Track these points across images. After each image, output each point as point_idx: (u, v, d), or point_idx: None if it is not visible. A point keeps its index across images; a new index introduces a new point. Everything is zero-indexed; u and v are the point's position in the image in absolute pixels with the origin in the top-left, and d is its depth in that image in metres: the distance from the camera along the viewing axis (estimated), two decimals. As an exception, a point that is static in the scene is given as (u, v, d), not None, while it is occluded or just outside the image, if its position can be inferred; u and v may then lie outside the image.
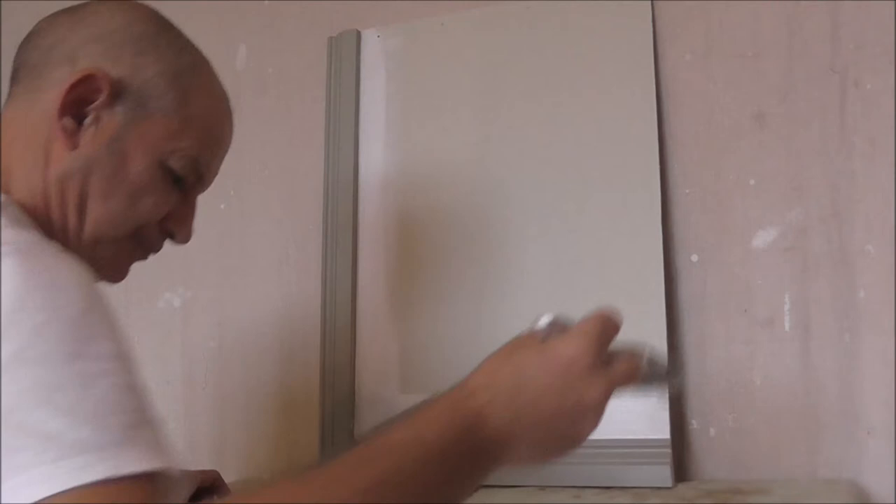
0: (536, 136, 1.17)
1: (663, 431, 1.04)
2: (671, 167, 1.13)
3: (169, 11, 0.84)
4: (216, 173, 0.84)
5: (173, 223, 0.80)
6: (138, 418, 0.55)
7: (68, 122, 0.72)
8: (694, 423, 1.10)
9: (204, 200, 0.83)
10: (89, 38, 0.74)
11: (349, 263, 1.23)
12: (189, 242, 0.82)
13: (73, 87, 0.72)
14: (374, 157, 1.26)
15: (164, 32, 0.79)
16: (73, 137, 0.73)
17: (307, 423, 1.26)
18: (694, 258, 1.12)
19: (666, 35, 1.15)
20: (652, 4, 1.15)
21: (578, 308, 1.11)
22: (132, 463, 0.52)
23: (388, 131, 1.26)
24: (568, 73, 1.17)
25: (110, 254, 0.76)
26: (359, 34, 1.30)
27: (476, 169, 1.20)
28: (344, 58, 1.30)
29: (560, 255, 1.13)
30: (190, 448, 1.38)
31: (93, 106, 0.73)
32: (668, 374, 0.78)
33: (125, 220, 0.75)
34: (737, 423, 1.08)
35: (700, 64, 1.14)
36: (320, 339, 1.23)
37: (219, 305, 1.39)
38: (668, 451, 1.03)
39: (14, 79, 0.77)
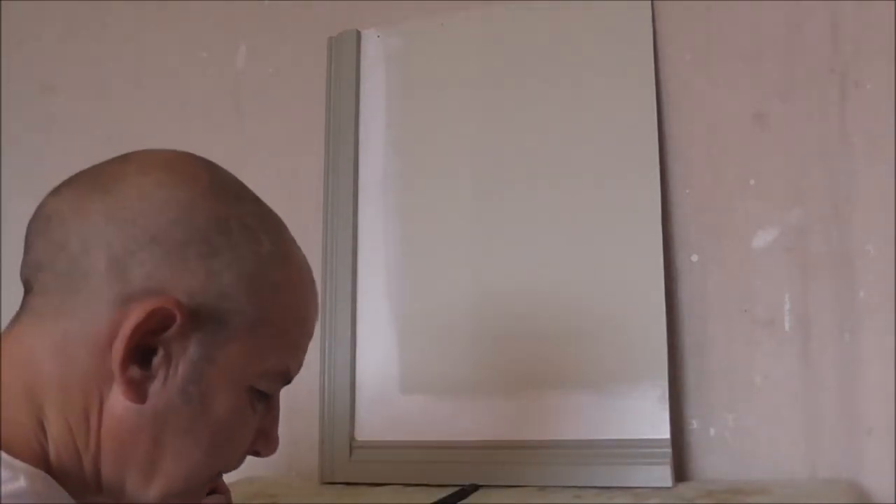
0: (536, 136, 1.17)
1: (663, 431, 1.04)
2: (671, 167, 1.13)
3: (169, 11, 0.84)
4: (302, 364, 0.66)
5: (260, 443, 0.64)
6: None
7: (135, 371, 0.55)
8: (694, 423, 1.10)
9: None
10: (139, 238, 0.55)
11: (349, 263, 1.23)
12: None
13: (139, 326, 0.54)
14: (374, 157, 1.26)
15: (235, 209, 0.59)
16: (140, 388, 0.55)
17: (307, 424, 1.26)
18: (694, 258, 1.12)
19: (666, 35, 1.15)
20: (652, 4, 1.15)
21: (578, 308, 1.11)
22: None
23: (388, 131, 1.26)
24: (568, 73, 1.17)
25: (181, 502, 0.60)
26: (359, 34, 1.30)
27: (476, 168, 1.20)
28: (344, 58, 1.30)
29: (560, 255, 1.13)
30: (190, 448, 1.38)
31: (161, 339, 0.55)
32: None
33: (206, 472, 0.60)
34: (737, 423, 1.08)
35: (700, 64, 1.14)
36: (320, 340, 1.23)
37: (219, 305, 1.38)
38: (668, 451, 1.03)
39: (32, 284, 0.58)
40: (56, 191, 0.60)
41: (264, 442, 0.65)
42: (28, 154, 1.53)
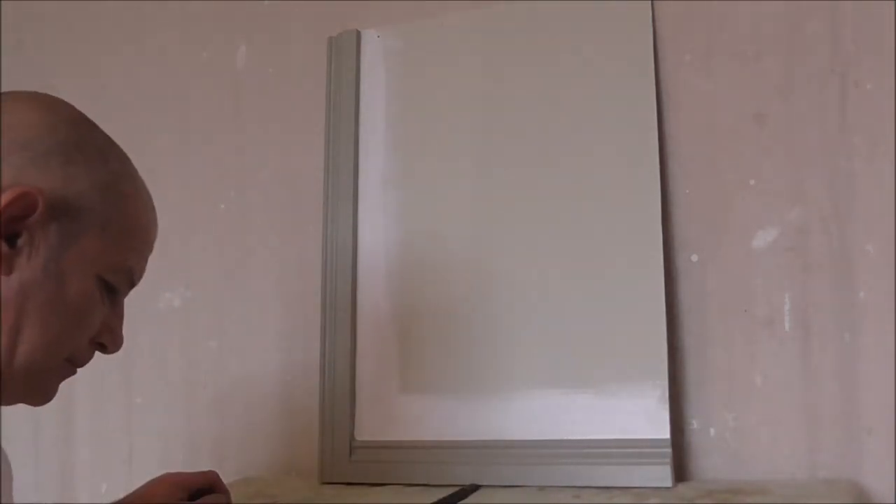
0: (536, 136, 1.17)
1: (663, 431, 1.04)
2: (671, 167, 1.13)
3: (169, 11, 0.84)
4: (144, 273, 0.79)
5: (105, 335, 0.76)
6: None
7: (3, 247, 0.67)
8: (694, 423, 1.10)
9: (204, 200, 0.84)
10: (11, 146, 0.68)
11: (349, 263, 1.23)
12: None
13: (6, 206, 0.66)
14: (374, 157, 1.26)
15: (90, 135, 0.74)
16: (6, 261, 0.67)
17: (307, 424, 1.26)
18: (694, 258, 1.12)
19: (666, 35, 1.15)
20: (652, 4, 1.15)
21: (578, 308, 1.11)
22: None
23: (388, 131, 1.26)
24: (568, 73, 1.17)
25: (41, 382, 0.72)
26: (359, 34, 1.30)
27: (475, 168, 1.20)
28: (344, 58, 1.30)
29: (560, 256, 1.13)
30: (190, 448, 1.38)
31: (26, 224, 0.67)
32: None
33: (62, 346, 0.72)
34: (737, 423, 1.08)
35: (700, 64, 1.14)
36: (320, 339, 1.23)
37: (219, 305, 1.39)
38: (668, 451, 1.03)
39: None
40: None
41: (109, 336, 0.76)
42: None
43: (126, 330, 0.77)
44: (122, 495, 0.91)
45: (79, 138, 0.72)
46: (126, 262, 0.74)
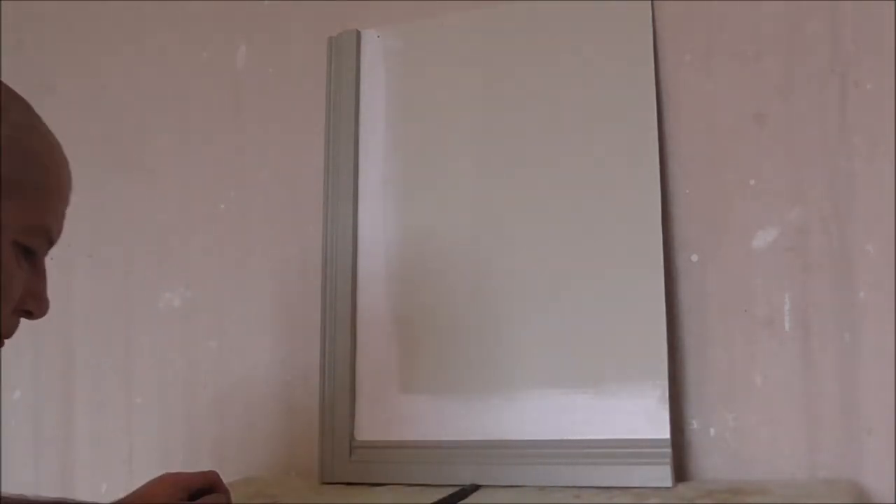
0: (536, 136, 1.17)
1: (663, 431, 1.04)
2: (671, 167, 1.13)
3: (169, 11, 0.84)
4: (62, 229, 0.75)
5: (29, 302, 0.71)
6: None
7: None
8: (694, 423, 1.10)
9: (204, 200, 0.83)
10: None
11: (349, 263, 1.23)
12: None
13: None
14: (374, 157, 1.26)
15: None
16: None
17: (307, 423, 1.26)
18: (694, 258, 1.12)
19: (666, 35, 1.15)
20: (652, 4, 1.15)
21: (578, 308, 1.11)
22: None
23: (388, 131, 1.26)
24: (568, 73, 1.17)
25: None
26: (359, 34, 1.30)
27: (475, 168, 1.20)
28: (344, 58, 1.30)
29: (560, 255, 1.13)
30: (190, 448, 1.38)
31: None
32: None
33: None
34: (737, 423, 1.08)
35: (700, 64, 1.14)
36: (320, 339, 1.23)
37: (219, 305, 1.39)
38: (668, 451, 1.03)
39: None
40: None
41: (34, 302, 0.72)
42: (28, 154, 1.53)
43: (126, 330, 0.77)
44: (122, 495, 0.91)
45: None
46: (41, 221, 0.70)
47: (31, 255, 0.70)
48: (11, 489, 0.87)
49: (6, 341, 0.72)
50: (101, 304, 1.44)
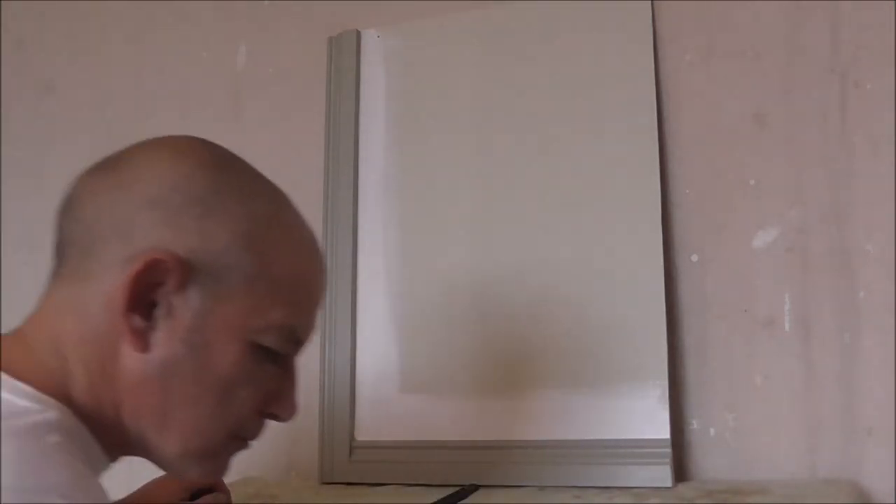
0: (536, 136, 1.17)
1: (663, 431, 1.04)
2: (671, 167, 1.13)
3: (169, 11, 0.83)
4: (314, 327, 0.69)
5: (274, 404, 0.66)
6: None
7: (137, 320, 0.60)
8: (694, 423, 1.10)
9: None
10: (140, 204, 0.61)
11: (349, 263, 1.23)
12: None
13: (138, 277, 0.59)
14: (374, 157, 1.26)
15: (228, 177, 0.64)
16: (143, 337, 0.60)
17: (307, 424, 1.26)
18: (694, 258, 1.12)
19: (666, 35, 1.15)
20: (652, 4, 1.15)
21: (578, 308, 1.11)
22: None
23: (388, 131, 1.26)
24: (568, 73, 1.17)
25: (205, 463, 0.65)
26: (359, 34, 1.30)
27: (476, 168, 1.20)
28: (344, 58, 1.30)
29: (560, 256, 1.13)
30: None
31: (161, 292, 0.60)
32: None
33: (218, 425, 0.63)
34: (737, 423, 1.08)
35: (700, 64, 1.14)
36: (320, 339, 1.23)
37: (219, 305, 1.38)
38: (668, 451, 1.03)
39: (58, 256, 0.64)
40: (77, 177, 0.66)
41: (279, 405, 0.67)
42: (28, 154, 1.53)
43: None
44: (122, 495, 0.91)
45: (216, 184, 0.63)
46: (283, 320, 0.64)
47: (275, 355, 0.65)
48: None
49: None
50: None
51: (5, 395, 0.55)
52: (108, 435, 0.62)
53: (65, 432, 0.56)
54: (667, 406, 1.05)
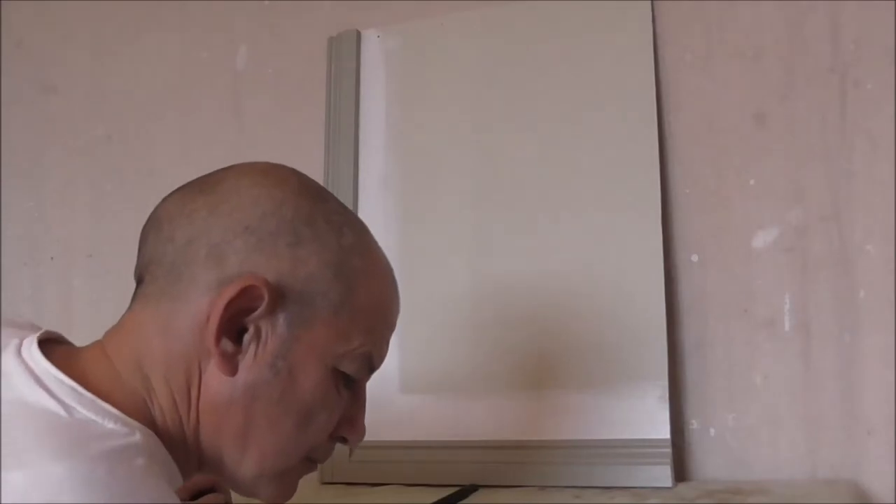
0: (536, 136, 1.17)
1: (663, 431, 1.04)
2: (671, 167, 1.13)
3: (169, 11, 0.83)
4: (386, 354, 0.71)
5: (345, 428, 0.69)
6: None
7: (227, 344, 0.61)
8: (694, 423, 1.10)
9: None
10: (235, 229, 0.62)
11: (349, 263, 1.23)
12: None
13: (231, 302, 0.60)
14: (374, 157, 1.26)
15: (319, 207, 0.65)
16: (232, 361, 0.61)
17: (307, 423, 1.26)
18: (694, 258, 1.12)
19: (666, 35, 1.15)
20: (652, 4, 1.15)
21: (578, 307, 1.11)
22: None
23: (388, 131, 1.26)
24: (568, 74, 1.17)
25: (276, 485, 0.66)
26: (359, 34, 1.30)
27: (476, 168, 1.20)
28: (344, 58, 1.30)
29: (560, 255, 1.13)
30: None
31: (251, 317, 0.61)
32: None
33: (296, 448, 0.65)
34: (737, 423, 1.08)
35: (700, 64, 1.14)
36: (320, 339, 1.23)
37: (219, 305, 1.38)
38: (668, 451, 1.03)
39: (144, 276, 0.65)
40: (165, 198, 0.67)
41: (350, 428, 0.69)
42: (28, 154, 1.53)
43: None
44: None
45: (308, 213, 0.64)
46: (363, 348, 0.66)
47: (350, 381, 0.67)
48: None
49: None
50: (101, 304, 1.44)
51: (93, 417, 0.57)
52: (184, 454, 0.63)
53: (149, 455, 0.57)
54: (667, 406, 1.05)
